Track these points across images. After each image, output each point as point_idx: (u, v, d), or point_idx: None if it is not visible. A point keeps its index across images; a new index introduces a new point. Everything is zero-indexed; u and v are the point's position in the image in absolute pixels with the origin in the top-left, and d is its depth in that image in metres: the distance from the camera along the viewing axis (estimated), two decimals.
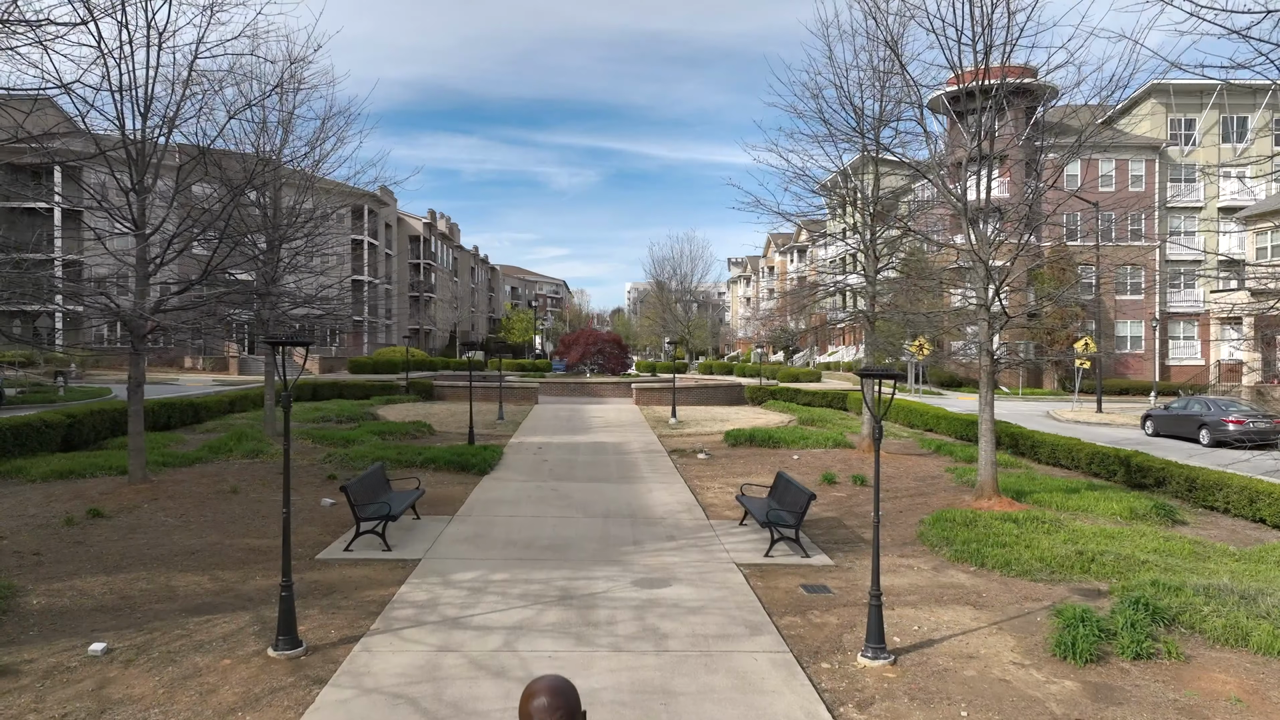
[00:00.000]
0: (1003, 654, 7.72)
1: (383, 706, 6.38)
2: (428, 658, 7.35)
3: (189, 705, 6.38)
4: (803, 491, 11.13)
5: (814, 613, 8.83)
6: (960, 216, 13.66)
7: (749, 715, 6.33)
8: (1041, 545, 10.93)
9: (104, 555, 10.46)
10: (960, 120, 15.05)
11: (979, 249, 12.52)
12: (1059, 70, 13.21)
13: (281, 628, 7.39)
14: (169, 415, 22.78)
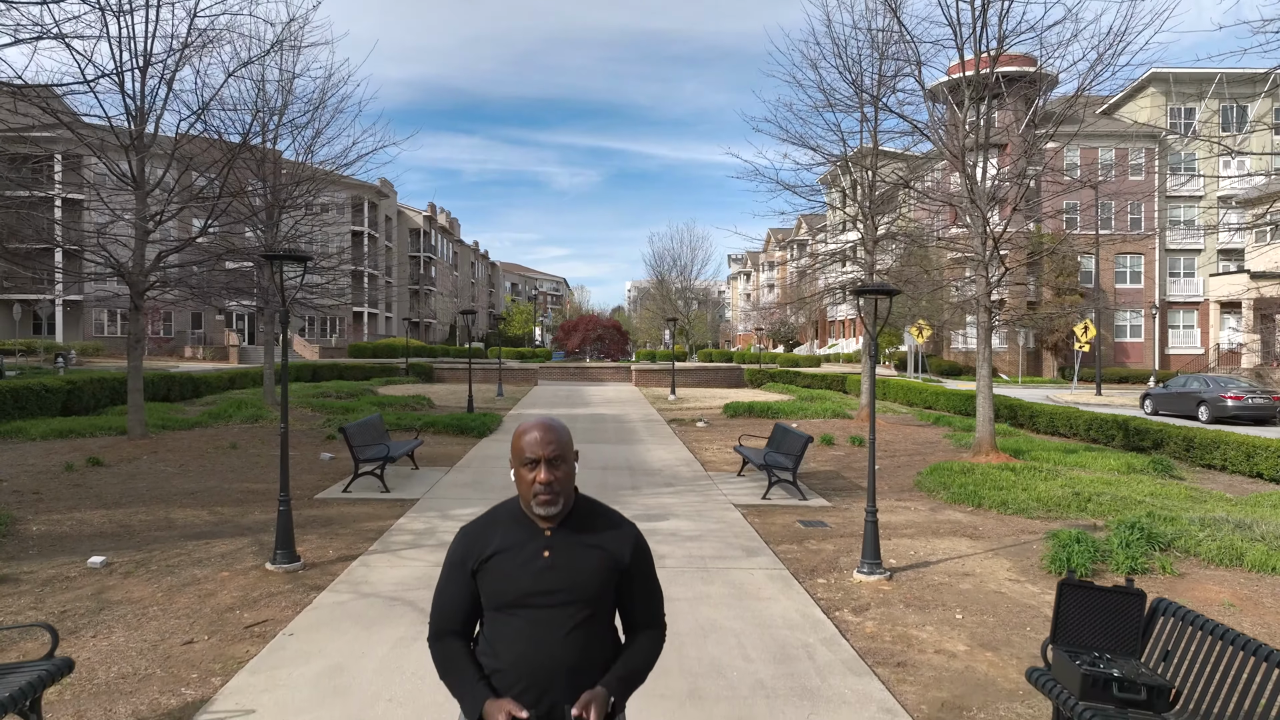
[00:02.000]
0: (998, 573, 7.75)
1: (380, 606, 6.41)
2: (426, 571, 7.37)
3: (187, 605, 6.40)
4: (800, 436, 11.16)
5: (810, 541, 8.86)
6: (959, 174, 13.68)
7: (744, 615, 6.36)
8: (1038, 489, 10.95)
9: (103, 494, 10.48)
10: (958, 109, 15.02)
11: (976, 197, 12.55)
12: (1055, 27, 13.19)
13: (279, 542, 7.42)
14: (169, 388, 22.79)
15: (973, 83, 13.29)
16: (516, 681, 2.24)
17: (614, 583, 2.35)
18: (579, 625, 2.28)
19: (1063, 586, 4.21)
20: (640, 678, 2.35)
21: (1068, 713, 3.96)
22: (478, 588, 2.34)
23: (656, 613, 2.46)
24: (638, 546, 2.41)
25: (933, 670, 5.44)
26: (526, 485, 2.31)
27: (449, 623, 2.37)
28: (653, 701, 4.79)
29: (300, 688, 4.91)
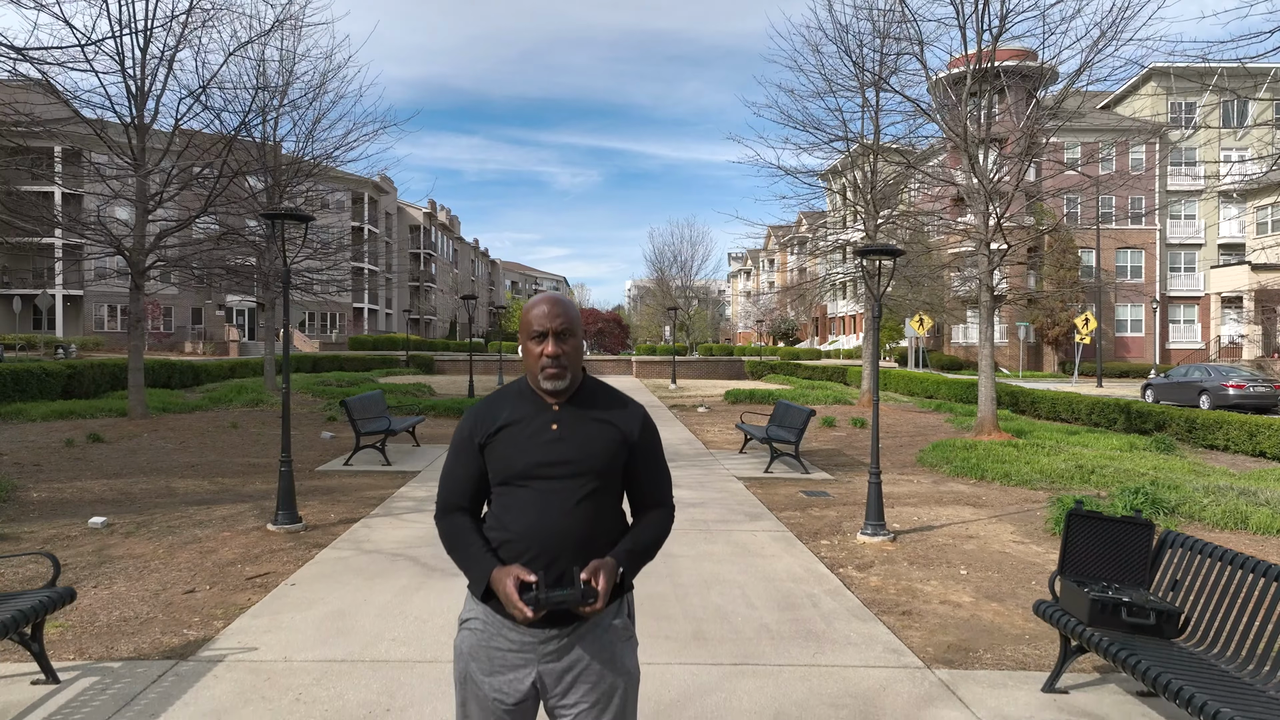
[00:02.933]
0: (1002, 535, 7.73)
1: (382, 561, 6.38)
2: (427, 531, 7.35)
3: (188, 560, 6.38)
4: (802, 410, 11.13)
5: (813, 509, 8.83)
6: (961, 151, 13.66)
7: (748, 570, 6.33)
8: (1041, 462, 10.93)
9: (104, 466, 10.46)
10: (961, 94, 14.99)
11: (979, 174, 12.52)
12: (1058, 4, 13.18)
13: (281, 503, 7.39)
14: (169, 375, 22.77)
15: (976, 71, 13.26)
16: (525, 551, 2.21)
17: (622, 458, 2.32)
18: (587, 497, 2.25)
19: (1070, 517, 4.18)
20: (649, 553, 2.33)
21: (1076, 640, 3.93)
22: (485, 463, 2.31)
23: (664, 493, 2.43)
24: (646, 424, 2.39)
25: (938, 618, 5.41)
26: (534, 359, 2.28)
27: (456, 499, 2.34)
28: (657, 643, 4.76)
29: (303, 629, 4.88)
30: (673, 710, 3.93)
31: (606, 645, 2.29)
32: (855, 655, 4.67)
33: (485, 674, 2.26)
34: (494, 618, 2.27)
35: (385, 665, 4.38)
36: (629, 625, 2.36)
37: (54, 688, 4.04)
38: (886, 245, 7.37)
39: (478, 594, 2.24)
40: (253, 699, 3.96)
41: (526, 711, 2.29)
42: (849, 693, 4.17)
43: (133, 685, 4.09)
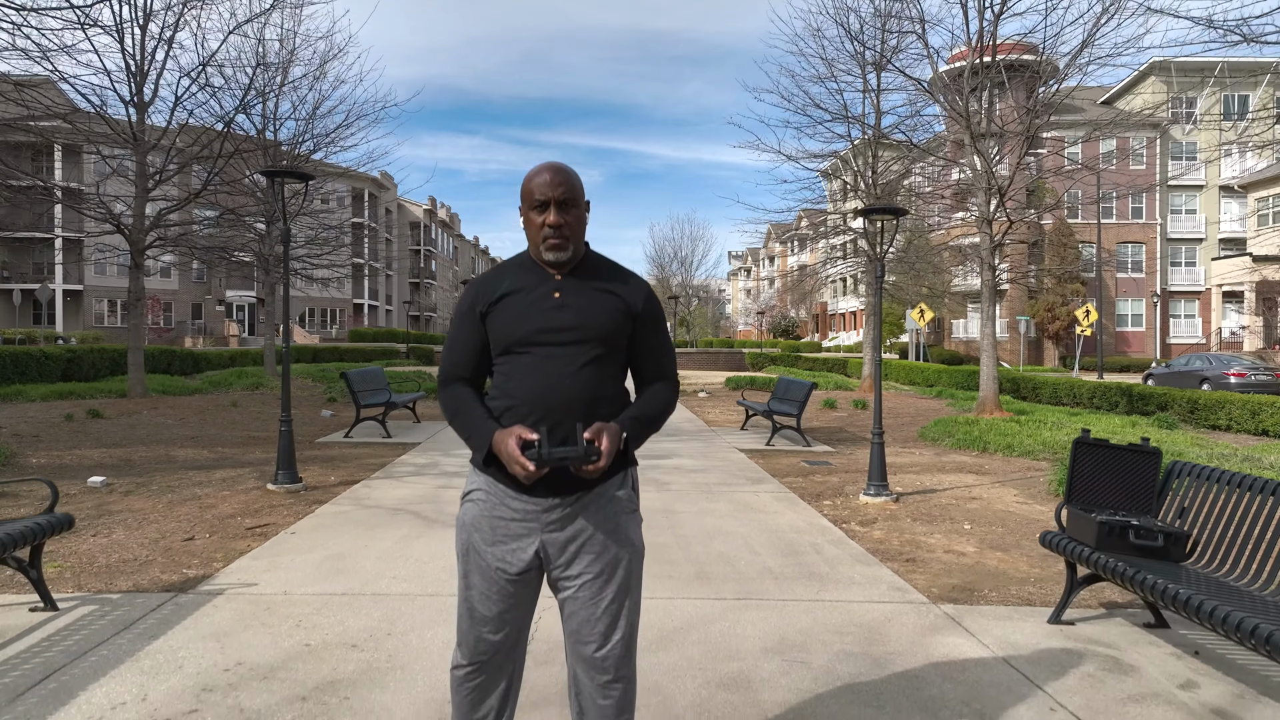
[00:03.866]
0: (1005, 497, 7.69)
1: (383, 515, 6.35)
2: (428, 490, 7.32)
3: (188, 513, 6.34)
4: (804, 384, 11.10)
5: (815, 475, 8.80)
6: (964, 133, 13.62)
7: (751, 524, 6.30)
8: (1044, 435, 10.90)
9: (103, 438, 10.43)
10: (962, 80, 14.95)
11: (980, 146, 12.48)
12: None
13: (281, 463, 7.36)
14: (169, 362, 22.73)
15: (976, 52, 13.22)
16: (528, 415, 2.17)
17: (626, 330, 2.28)
18: (590, 363, 2.21)
19: (1077, 445, 4.15)
20: (653, 424, 2.29)
21: (1083, 565, 3.90)
22: (487, 333, 2.28)
23: (668, 367, 2.40)
24: (650, 298, 2.35)
25: (942, 564, 5.38)
26: (535, 229, 2.24)
27: (458, 369, 2.31)
28: (660, 582, 4.73)
29: (303, 569, 4.85)
30: (677, 636, 3.89)
31: (610, 516, 2.25)
32: (859, 593, 4.64)
33: (488, 544, 2.23)
34: (497, 487, 2.24)
35: (386, 598, 4.35)
36: (633, 499, 2.33)
37: (52, 614, 4.00)
38: (889, 204, 7.33)
39: (480, 459, 2.21)
40: (252, 624, 3.93)
41: (530, 583, 2.26)
42: (853, 623, 4.14)
43: (131, 613, 4.06)
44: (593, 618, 2.23)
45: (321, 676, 3.35)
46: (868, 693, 3.31)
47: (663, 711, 3.10)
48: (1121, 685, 3.44)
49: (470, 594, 2.25)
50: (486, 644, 2.25)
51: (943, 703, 3.23)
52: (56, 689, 3.18)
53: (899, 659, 3.67)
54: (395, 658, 3.56)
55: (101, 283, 54.04)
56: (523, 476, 2.06)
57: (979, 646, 3.84)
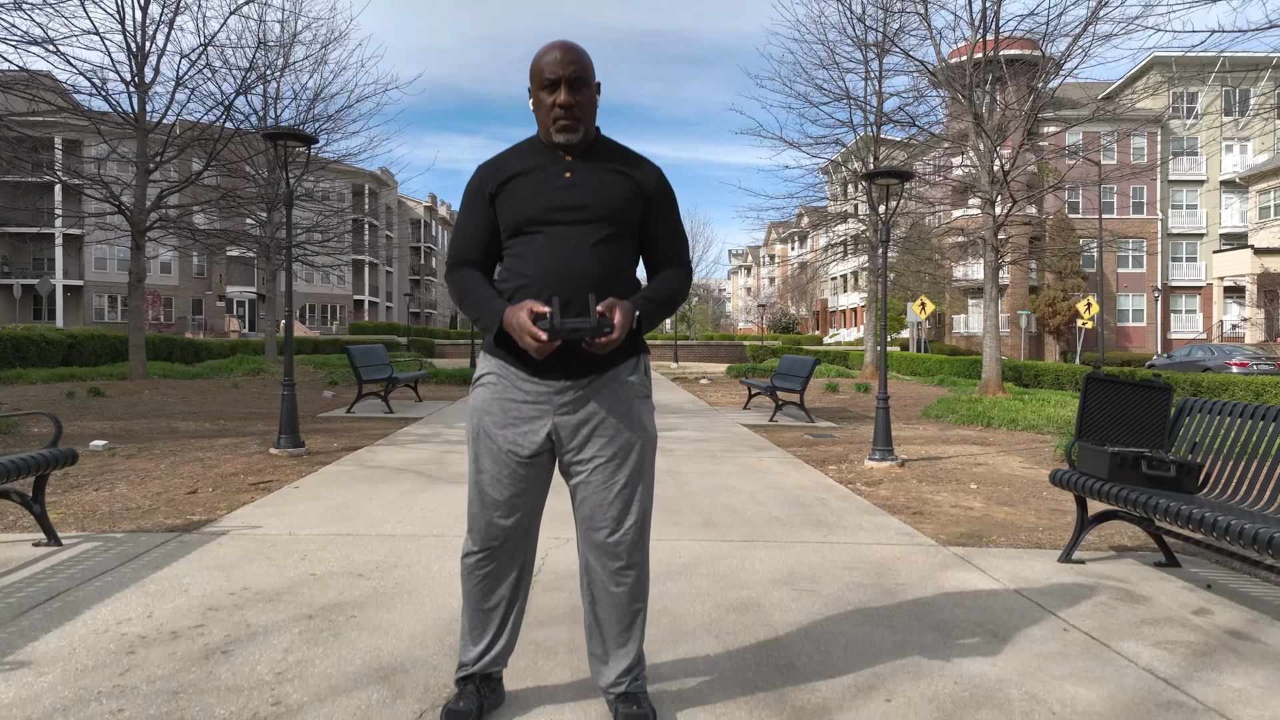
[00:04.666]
0: (1010, 463, 7.66)
1: (386, 474, 6.32)
2: (432, 454, 7.29)
3: (191, 472, 6.31)
4: (806, 360, 11.07)
5: (820, 446, 8.77)
6: (966, 114, 13.60)
7: (756, 483, 6.27)
8: (1048, 411, 10.87)
9: (105, 412, 10.40)
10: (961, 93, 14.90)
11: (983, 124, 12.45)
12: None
13: (284, 427, 7.33)
14: (170, 350, 22.69)
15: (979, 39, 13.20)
16: (540, 292, 2.14)
17: (637, 211, 2.25)
18: (602, 241, 2.18)
19: (1088, 380, 4.12)
20: (666, 306, 2.26)
21: (1094, 498, 3.87)
22: (496, 215, 2.25)
23: (681, 252, 2.37)
24: (662, 180, 2.32)
25: (950, 516, 5.35)
26: (546, 110, 2.20)
27: (467, 253, 2.27)
28: (666, 528, 4.70)
29: (308, 516, 4.82)
30: (685, 570, 3.87)
31: (623, 399, 2.23)
32: (867, 537, 4.61)
33: (499, 427, 2.20)
34: (508, 370, 2.21)
35: (392, 538, 4.32)
36: (646, 384, 2.30)
37: (56, 549, 3.98)
38: (893, 168, 7.30)
39: (491, 337, 2.18)
40: (257, 558, 3.90)
41: (541, 467, 2.23)
42: (862, 560, 4.11)
43: (135, 548, 4.03)
44: (605, 502, 2.21)
45: (328, 599, 3.32)
46: (879, 616, 3.28)
47: (673, 630, 3.07)
48: (1134, 611, 3.41)
49: (481, 478, 2.23)
50: (498, 529, 2.22)
51: (955, 624, 3.20)
52: (61, 607, 3.15)
53: (909, 589, 3.64)
54: (402, 585, 3.53)
55: (102, 278, 54.01)
56: (534, 349, 2.02)
57: (990, 580, 3.81)
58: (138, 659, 2.68)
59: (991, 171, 12.98)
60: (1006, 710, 2.45)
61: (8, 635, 2.86)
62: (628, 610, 2.27)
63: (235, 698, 2.41)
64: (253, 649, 2.79)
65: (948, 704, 2.48)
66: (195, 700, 2.39)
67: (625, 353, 2.24)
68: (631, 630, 2.28)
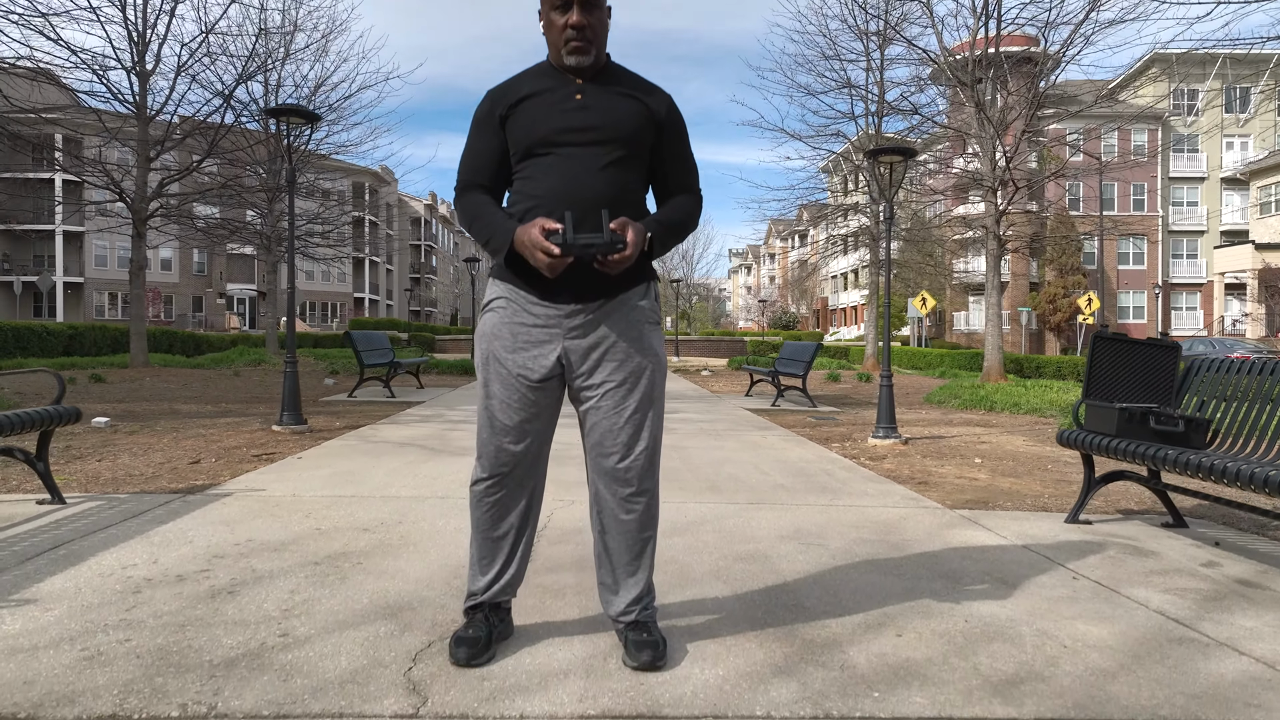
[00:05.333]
0: (1014, 441, 7.65)
1: (389, 447, 6.31)
2: (435, 431, 7.28)
3: (193, 446, 6.30)
4: (809, 345, 11.05)
5: (822, 427, 8.75)
6: (968, 101, 13.58)
7: (760, 455, 6.25)
8: (1050, 396, 10.86)
9: (106, 396, 10.39)
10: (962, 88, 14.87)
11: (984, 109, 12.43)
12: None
13: (286, 404, 7.31)
14: (171, 342, 22.68)
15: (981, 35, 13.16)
16: (551, 212, 2.13)
17: (649, 136, 2.23)
18: (613, 163, 2.16)
19: (1095, 339, 4.10)
20: (677, 230, 2.24)
21: (1102, 455, 3.85)
22: (506, 138, 2.23)
23: (692, 180, 2.35)
24: (673, 107, 2.30)
25: (955, 486, 5.33)
26: (557, 32, 2.18)
27: (477, 176, 2.26)
28: (671, 492, 4.69)
29: (311, 481, 4.81)
30: (691, 527, 3.85)
31: (634, 324, 2.21)
32: (873, 501, 4.60)
33: (508, 351, 2.19)
34: (518, 294, 2.20)
35: (396, 499, 4.31)
36: (656, 310, 2.29)
37: (59, 506, 3.96)
38: (897, 144, 7.28)
39: (501, 258, 2.16)
40: (262, 515, 3.88)
41: (551, 392, 2.22)
42: (868, 520, 4.10)
43: (139, 506, 4.02)
44: (615, 428, 2.19)
45: (333, 549, 3.31)
46: (886, 566, 3.26)
47: (680, 576, 3.06)
48: (1143, 564, 3.39)
49: (490, 403, 2.21)
50: (507, 454, 2.21)
51: (963, 573, 3.19)
52: (66, 554, 3.14)
53: (916, 545, 3.63)
54: (407, 538, 3.52)
55: (102, 275, 54.00)
56: (546, 265, 2.01)
57: (997, 538, 3.80)
58: (143, 598, 2.67)
59: (994, 160, 12.97)
60: (1018, 643, 2.44)
61: (12, 578, 2.85)
62: (637, 538, 2.25)
63: (242, 630, 2.40)
64: (259, 590, 2.77)
65: (959, 639, 2.47)
66: (202, 632, 2.38)
67: (636, 277, 2.22)
68: (641, 559, 2.27)
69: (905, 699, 2.04)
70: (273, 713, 1.88)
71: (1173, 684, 2.17)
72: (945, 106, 19.41)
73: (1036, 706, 2.01)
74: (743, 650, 2.33)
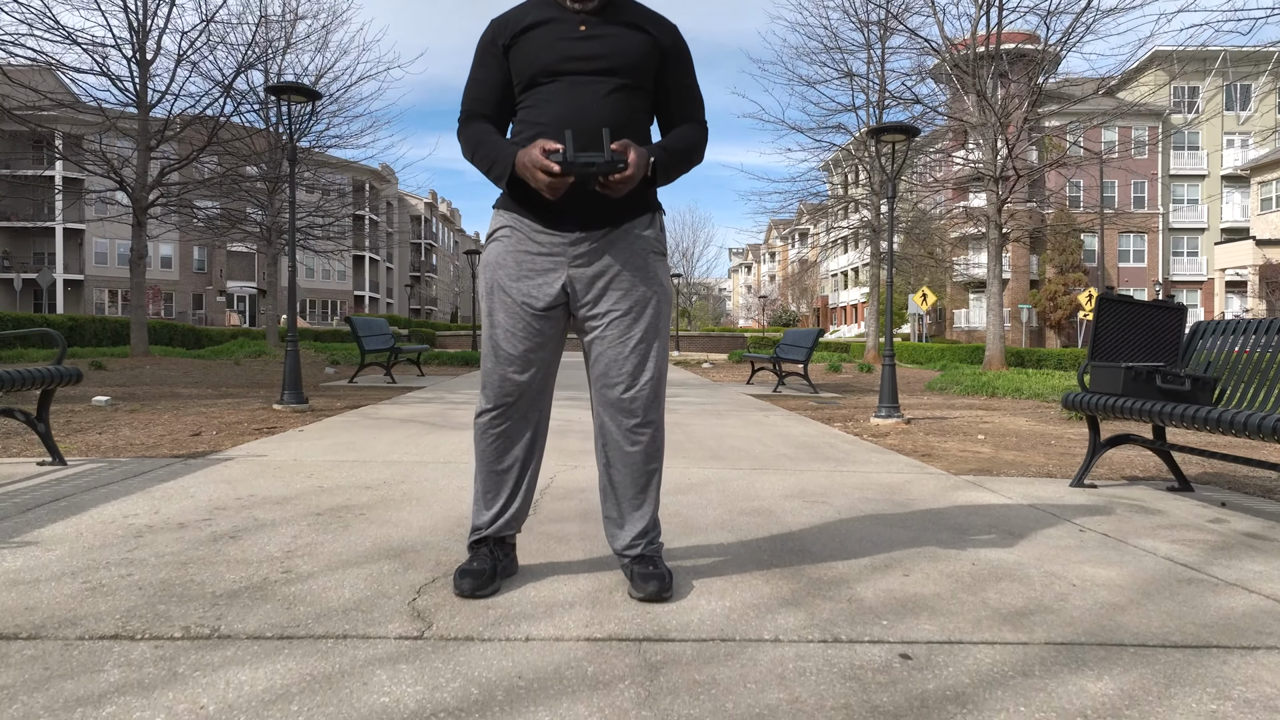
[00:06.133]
0: (1017, 422, 7.63)
1: (391, 423, 6.29)
2: (436, 410, 7.27)
3: (194, 421, 6.28)
4: (810, 332, 11.04)
5: (824, 410, 8.73)
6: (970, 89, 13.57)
7: (763, 431, 6.24)
8: (1052, 382, 10.84)
9: (107, 381, 10.37)
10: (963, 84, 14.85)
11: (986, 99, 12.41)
12: None
13: (287, 383, 7.30)
14: (171, 335, 22.67)
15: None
16: (557, 136, 2.11)
17: (653, 65, 2.21)
18: (618, 90, 2.14)
19: (1101, 301, 4.09)
20: (681, 158, 2.21)
21: (1107, 415, 3.83)
22: (509, 67, 2.21)
23: (697, 111, 2.33)
24: (679, 37, 2.28)
25: (958, 458, 5.31)
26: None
27: (479, 105, 2.23)
28: (674, 460, 4.67)
29: (313, 450, 4.79)
30: (695, 487, 3.83)
31: (639, 253, 2.19)
32: (877, 468, 4.58)
33: (513, 279, 2.17)
34: (522, 223, 2.18)
35: (398, 464, 4.29)
36: (661, 240, 2.27)
37: (60, 467, 3.95)
38: (900, 123, 7.27)
39: (503, 182, 2.13)
40: (263, 475, 3.87)
41: (556, 321, 2.20)
42: (873, 483, 4.08)
43: (140, 468, 4.00)
44: (621, 357, 2.18)
45: (336, 503, 3.29)
46: (892, 520, 3.25)
47: (686, 527, 3.04)
48: (1149, 520, 3.38)
49: (495, 333, 2.20)
50: (512, 384, 2.19)
51: (969, 526, 3.17)
52: (67, 505, 3.12)
53: (921, 503, 3.61)
54: (410, 494, 3.50)
55: (102, 272, 53.99)
56: (546, 185, 1.98)
57: (1002, 498, 3.78)
58: (145, 541, 2.65)
59: (995, 148, 12.95)
60: (1025, 582, 2.42)
61: (13, 524, 2.83)
62: (643, 470, 2.23)
63: (244, 567, 2.38)
64: (261, 535, 2.76)
65: (966, 578, 2.45)
66: (205, 569, 2.36)
67: (640, 207, 2.21)
68: (647, 492, 2.25)
69: (914, 626, 2.02)
70: (276, 634, 1.87)
71: (1183, 615, 2.16)
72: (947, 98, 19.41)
73: (1047, 633, 2.00)
74: (749, 586, 2.32)
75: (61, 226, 51.99)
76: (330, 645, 1.81)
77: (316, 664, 1.70)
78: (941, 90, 18.35)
